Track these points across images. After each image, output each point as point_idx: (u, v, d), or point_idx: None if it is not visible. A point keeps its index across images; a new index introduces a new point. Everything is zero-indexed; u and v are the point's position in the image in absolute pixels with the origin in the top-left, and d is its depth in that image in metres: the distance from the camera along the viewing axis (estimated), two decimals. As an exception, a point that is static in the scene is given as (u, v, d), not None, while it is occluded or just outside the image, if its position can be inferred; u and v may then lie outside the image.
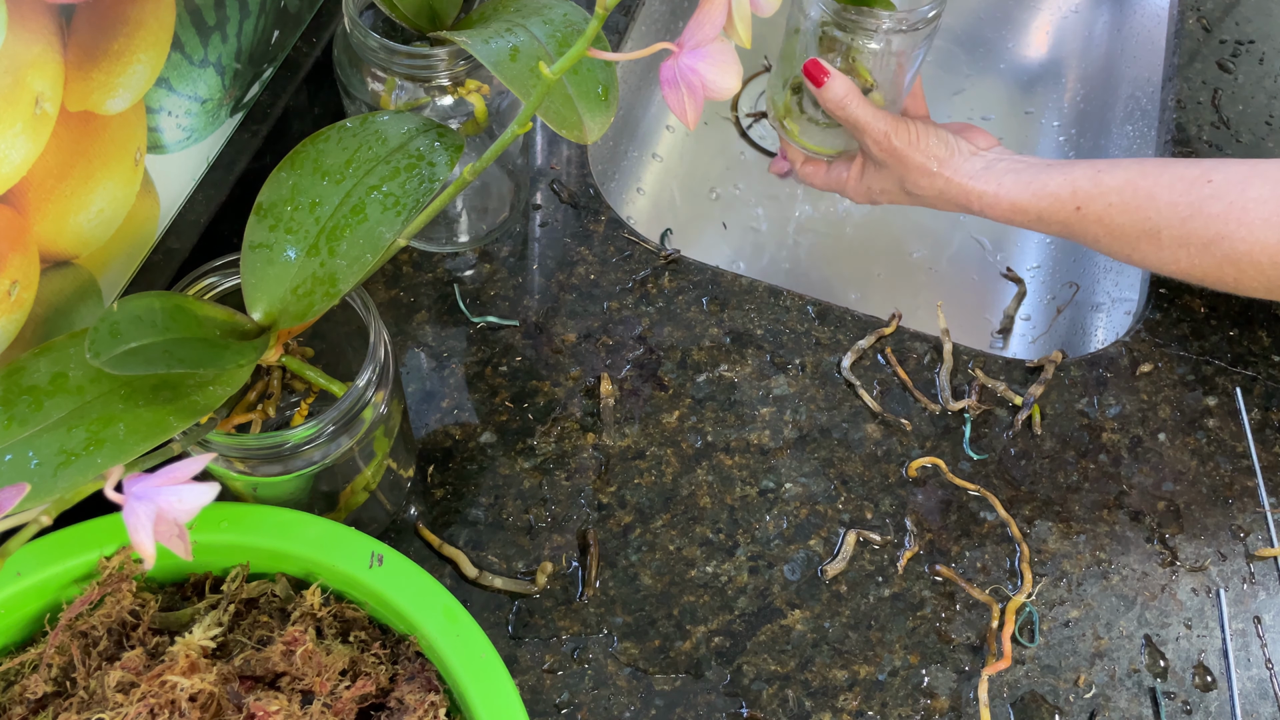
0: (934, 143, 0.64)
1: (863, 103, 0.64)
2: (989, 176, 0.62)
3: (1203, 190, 0.56)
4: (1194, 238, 0.56)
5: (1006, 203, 0.62)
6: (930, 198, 0.65)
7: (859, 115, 0.64)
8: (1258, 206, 0.54)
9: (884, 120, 0.64)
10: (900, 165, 0.64)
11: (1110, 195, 0.59)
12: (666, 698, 0.56)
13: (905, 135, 0.64)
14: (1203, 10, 0.89)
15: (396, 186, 0.47)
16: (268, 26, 0.64)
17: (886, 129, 0.64)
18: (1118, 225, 0.59)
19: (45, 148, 0.48)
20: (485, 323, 0.68)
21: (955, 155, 0.64)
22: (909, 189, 0.66)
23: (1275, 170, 0.55)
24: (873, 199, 0.69)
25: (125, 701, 0.43)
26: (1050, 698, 0.57)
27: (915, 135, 0.64)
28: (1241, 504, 0.64)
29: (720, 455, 0.64)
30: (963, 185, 0.63)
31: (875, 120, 0.64)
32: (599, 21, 0.40)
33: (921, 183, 0.64)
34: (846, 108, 0.63)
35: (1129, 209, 0.58)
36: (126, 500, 0.34)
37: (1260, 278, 0.55)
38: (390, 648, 0.47)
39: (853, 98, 0.63)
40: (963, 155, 0.64)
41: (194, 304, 0.45)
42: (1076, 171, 0.60)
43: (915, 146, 0.64)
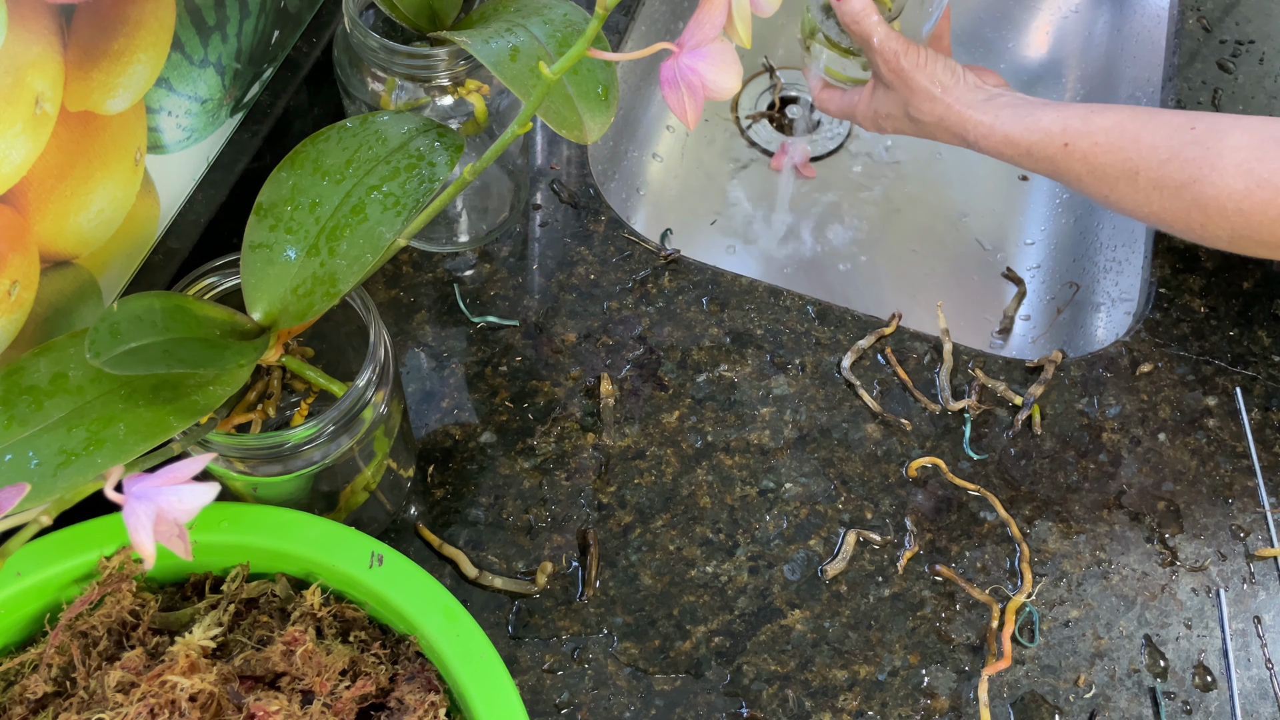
0: (941, 69, 0.65)
1: (878, 21, 0.65)
2: (988, 108, 0.63)
3: (1185, 135, 0.57)
4: (1168, 180, 0.57)
5: (1000, 134, 0.63)
6: (930, 124, 0.66)
7: (873, 32, 0.65)
8: (1232, 153, 0.55)
9: (896, 40, 0.65)
10: (905, 87, 0.66)
11: (1098, 134, 0.60)
12: (666, 698, 0.56)
13: (914, 57, 0.65)
14: (1203, 10, 0.89)
15: (396, 186, 0.47)
16: (268, 26, 0.64)
17: (897, 49, 0.65)
18: (1100, 164, 0.60)
19: (45, 148, 0.48)
20: (485, 323, 0.68)
21: (959, 84, 0.65)
22: (912, 113, 0.67)
23: (1257, 123, 0.56)
24: (879, 125, 0.70)
25: (125, 701, 0.43)
26: (1050, 698, 0.57)
27: (924, 59, 0.65)
28: (1241, 504, 0.64)
29: (720, 455, 0.64)
30: (961, 114, 0.64)
31: (888, 39, 0.65)
32: (599, 21, 0.40)
33: (924, 107, 0.66)
34: (861, 22, 0.65)
35: (1113, 149, 0.59)
36: (126, 500, 0.34)
37: (1225, 224, 0.56)
38: (390, 648, 0.47)
39: (868, 14, 0.65)
40: (966, 85, 0.65)
41: (194, 304, 0.45)
42: (1070, 110, 0.61)
43: (921, 69, 0.65)
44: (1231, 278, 0.73)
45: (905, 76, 0.65)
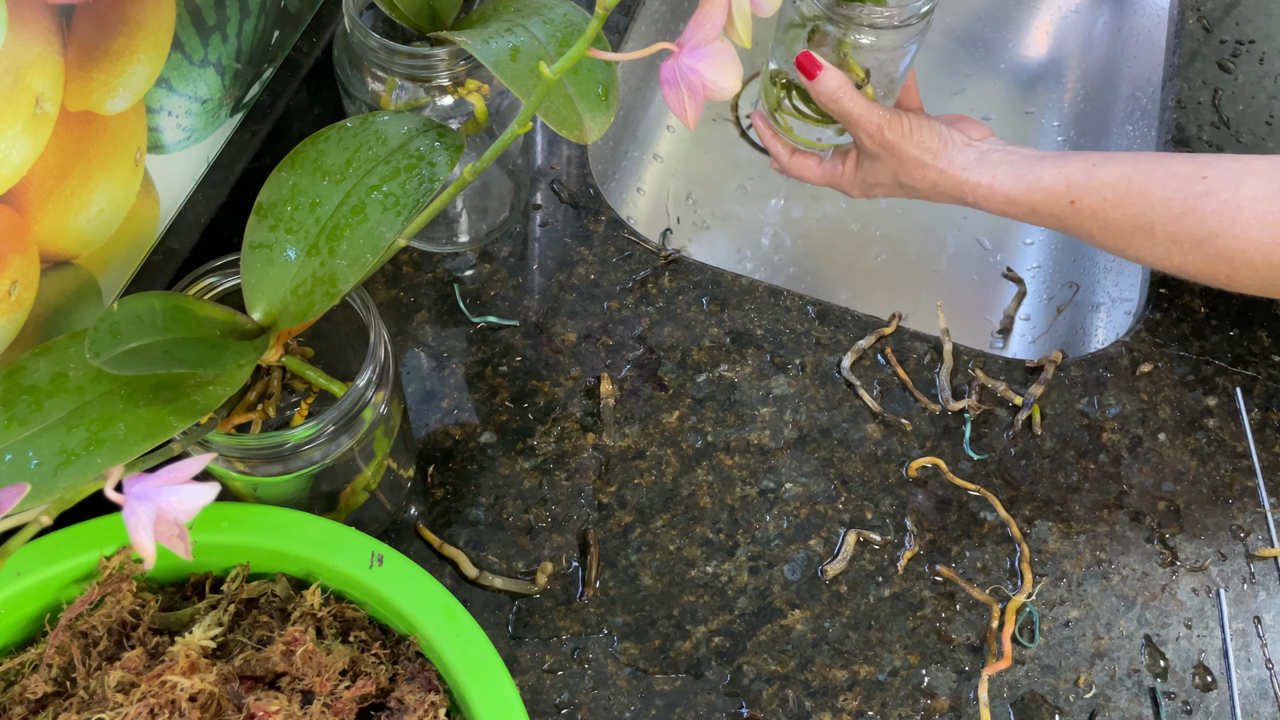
0: (927, 134, 0.64)
1: (855, 96, 0.63)
2: (983, 168, 0.62)
3: (1197, 187, 0.56)
4: (1187, 235, 0.56)
5: (1000, 195, 0.62)
6: (924, 190, 0.65)
7: (851, 109, 0.63)
8: (1252, 205, 0.54)
9: (876, 113, 0.64)
10: (894, 158, 0.64)
11: (1105, 190, 0.59)
12: (667, 698, 0.56)
13: (898, 128, 0.64)
14: (1203, 10, 0.89)
15: (396, 186, 0.47)
16: (268, 26, 0.64)
17: (879, 121, 0.63)
18: (1112, 220, 0.59)
19: (45, 148, 0.48)
20: (485, 323, 0.68)
21: (948, 147, 0.64)
22: (903, 181, 0.66)
23: (1270, 167, 0.55)
24: (868, 193, 0.69)
25: (125, 701, 0.43)
26: (1050, 698, 0.57)
27: (908, 127, 0.64)
28: (1241, 504, 0.64)
29: (720, 455, 0.64)
30: (956, 177, 0.63)
31: (868, 113, 0.63)
32: (599, 21, 0.40)
33: (915, 174, 0.65)
34: (839, 101, 0.63)
35: (1123, 204, 0.58)
36: (126, 500, 0.34)
37: (1254, 276, 0.55)
38: (390, 648, 0.47)
39: (845, 91, 0.63)
40: (956, 146, 0.64)
41: (194, 304, 0.45)
42: (1071, 165, 0.60)
43: (908, 139, 0.64)
44: (1231, 278, 0.73)
45: (892, 148, 0.64)
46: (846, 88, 0.63)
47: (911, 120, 0.64)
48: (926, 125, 0.64)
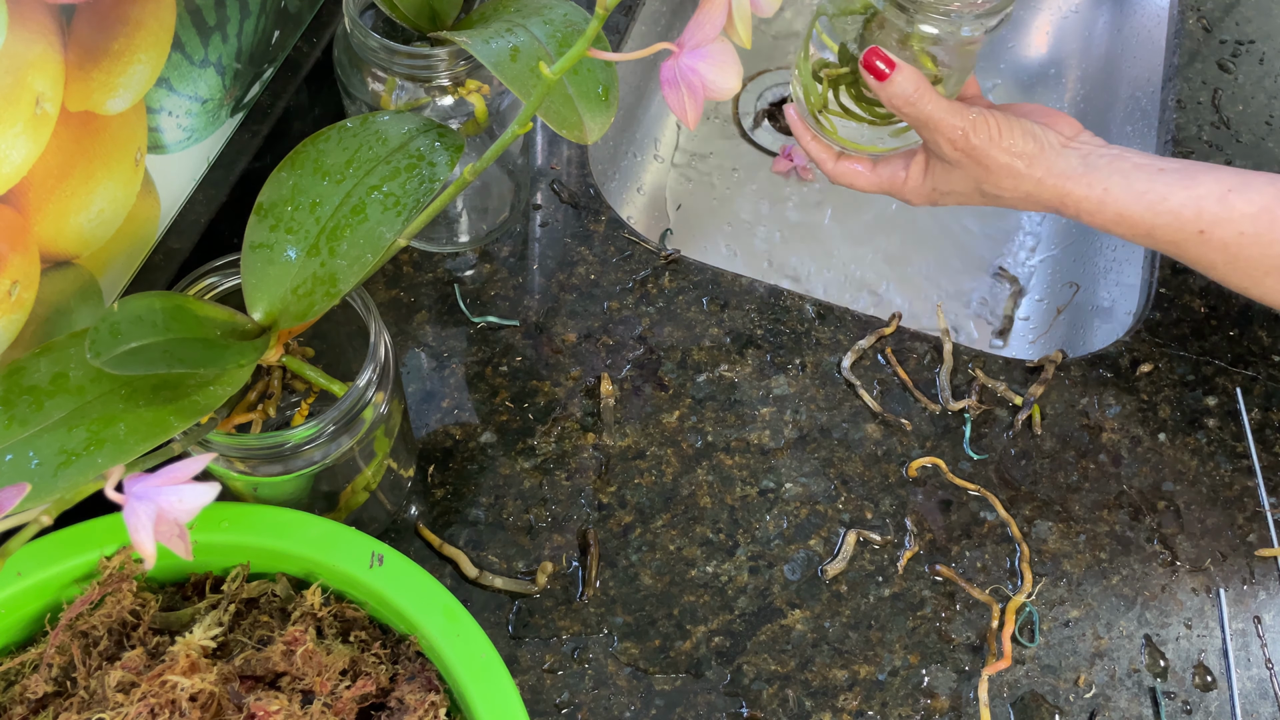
0: (1020, 137, 0.56)
1: (935, 98, 0.55)
2: (1091, 177, 0.55)
3: None
4: None
5: (1112, 212, 0.54)
6: (1014, 200, 0.58)
7: (931, 112, 0.55)
8: None
9: (960, 116, 0.55)
10: (978, 166, 0.57)
11: (1243, 223, 0.52)
12: (667, 698, 0.56)
13: (985, 131, 0.55)
14: (1203, 10, 0.89)
15: (397, 186, 0.47)
16: (268, 26, 0.64)
17: (964, 126, 0.55)
18: (1247, 257, 0.53)
19: (46, 148, 0.48)
20: (485, 323, 0.68)
21: (1045, 151, 0.56)
22: (988, 190, 0.58)
23: None
24: (936, 201, 0.62)
25: (125, 701, 0.43)
26: (1050, 698, 0.57)
27: (997, 130, 0.56)
28: (1241, 504, 0.64)
29: (720, 455, 0.64)
30: (1057, 187, 0.55)
31: (950, 116, 0.55)
32: (599, 21, 0.40)
33: (1005, 184, 0.57)
34: (917, 105, 0.55)
35: (1264, 241, 0.52)
36: (127, 500, 0.34)
37: None
38: (390, 648, 0.47)
39: (924, 93, 0.55)
40: (1054, 150, 0.56)
41: (194, 304, 0.45)
42: (1201, 188, 0.53)
43: (998, 144, 0.56)
44: (1231, 278, 0.73)
45: (978, 155, 0.56)
46: (925, 89, 0.55)
47: (1000, 121, 0.56)
48: (1018, 126, 0.56)
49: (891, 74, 0.55)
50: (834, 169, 0.62)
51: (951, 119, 0.55)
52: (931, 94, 0.55)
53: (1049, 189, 0.56)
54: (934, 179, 0.60)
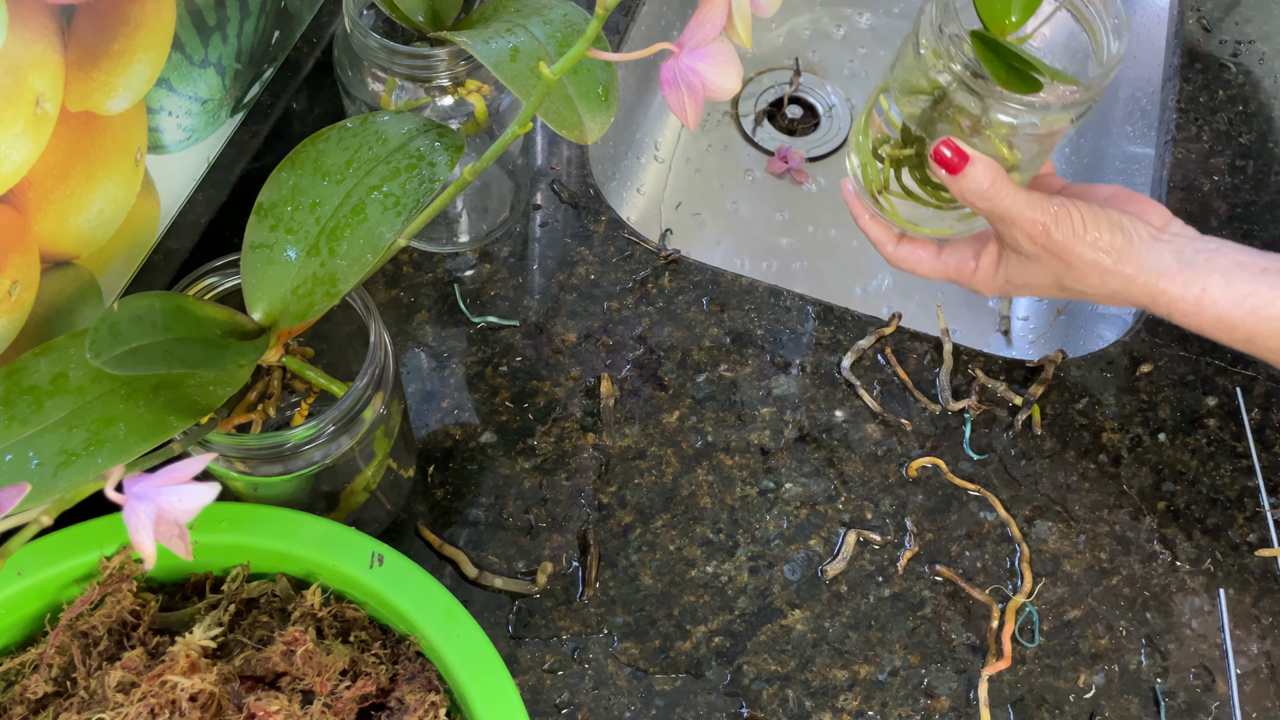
0: (1106, 230, 0.51)
1: (1013, 191, 0.51)
2: (1188, 276, 0.50)
3: None
4: None
5: (1210, 315, 0.51)
6: (1100, 296, 0.54)
7: (1009, 207, 0.51)
8: None
9: (1040, 209, 0.51)
10: (1060, 262, 0.52)
11: None
12: (667, 698, 0.56)
13: (1069, 225, 0.51)
14: (1202, 10, 0.89)
15: (397, 187, 0.47)
16: (268, 27, 0.64)
17: (1045, 221, 0.51)
18: None
19: (46, 148, 0.48)
20: (485, 323, 0.68)
21: (1134, 244, 0.51)
22: (1068, 285, 0.54)
23: None
24: (1008, 292, 0.57)
25: (125, 701, 0.43)
26: (1050, 698, 0.57)
27: (1081, 223, 0.51)
28: (1241, 504, 0.64)
29: (720, 455, 0.64)
30: (1150, 285, 0.51)
31: (1029, 210, 0.51)
32: (599, 22, 0.40)
33: (1090, 281, 0.52)
34: (993, 200, 0.51)
35: None
36: (127, 500, 0.34)
37: None
38: (390, 648, 0.47)
39: (1001, 187, 0.50)
40: (1143, 243, 0.52)
41: (194, 304, 0.45)
42: None
43: (1082, 238, 0.51)
44: (1231, 278, 0.73)
45: (1060, 250, 0.52)
46: (1002, 183, 0.50)
47: (1083, 213, 0.51)
48: (1104, 218, 0.52)
49: (964, 168, 0.50)
50: (894, 253, 0.58)
51: (1030, 213, 0.51)
52: (1008, 187, 0.51)
53: (1139, 287, 0.52)
54: (1008, 271, 0.56)
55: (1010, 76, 0.47)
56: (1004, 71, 0.47)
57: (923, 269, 0.58)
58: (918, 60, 0.50)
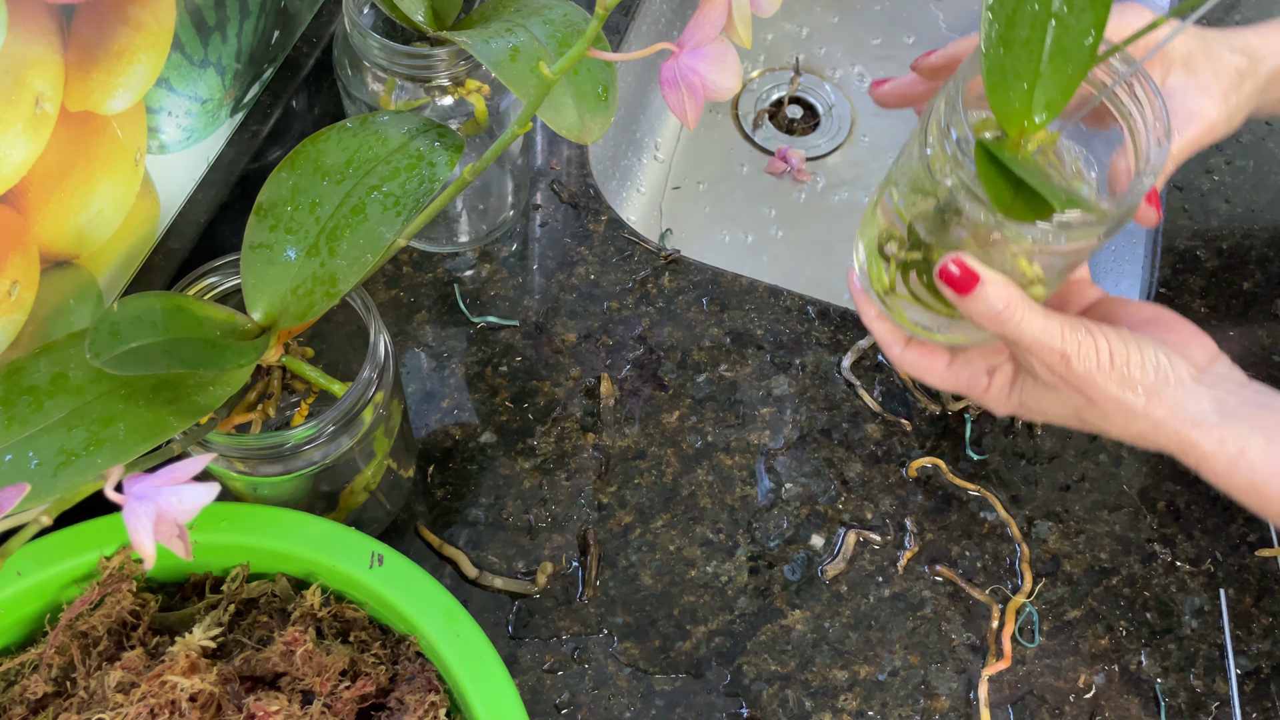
0: (1137, 365, 0.45)
1: (1030, 316, 0.44)
2: (1226, 432, 0.44)
3: None
4: None
5: (1244, 480, 0.45)
6: (1124, 436, 0.48)
7: (1024, 332, 0.44)
8: None
9: (1059, 337, 0.44)
10: (1080, 395, 0.46)
11: None
12: (667, 698, 0.56)
13: (1093, 356, 0.45)
14: (1203, 10, 0.89)
15: (396, 186, 0.47)
16: (268, 27, 0.64)
17: (1065, 351, 0.44)
18: None
19: (45, 148, 0.48)
20: (485, 323, 0.68)
21: (1168, 385, 0.45)
22: (1089, 419, 0.48)
23: None
24: (1024, 415, 0.52)
25: (125, 701, 0.43)
26: (1050, 698, 0.57)
27: (1108, 356, 0.45)
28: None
29: (720, 455, 0.64)
30: (1181, 435, 0.45)
31: (1047, 337, 0.44)
32: (599, 22, 0.40)
33: (1115, 420, 0.46)
34: (1006, 325, 0.44)
35: None
36: (126, 500, 0.34)
37: None
38: (390, 648, 0.47)
39: (1016, 309, 0.44)
40: (1181, 386, 0.45)
41: (194, 304, 0.45)
42: None
43: (1107, 372, 0.45)
44: (1231, 278, 0.73)
45: (1081, 383, 0.45)
46: (1018, 306, 0.44)
47: (1112, 344, 0.45)
48: (1136, 349, 0.45)
49: (975, 289, 0.43)
50: (900, 356, 0.52)
51: (1048, 341, 0.44)
52: (1025, 311, 0.44)
53: (1169, 434, 0.46)
54: (1023, 394, 0.50)
55: (1015, 202, 0.40)
56: (1007, 195, 0.40)
57: (931, 378, 0.52)
58: (923, 158, 0.43)
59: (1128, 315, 0.49)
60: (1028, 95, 0.41)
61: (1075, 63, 0.41)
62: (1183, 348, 0.47)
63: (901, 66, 1.01)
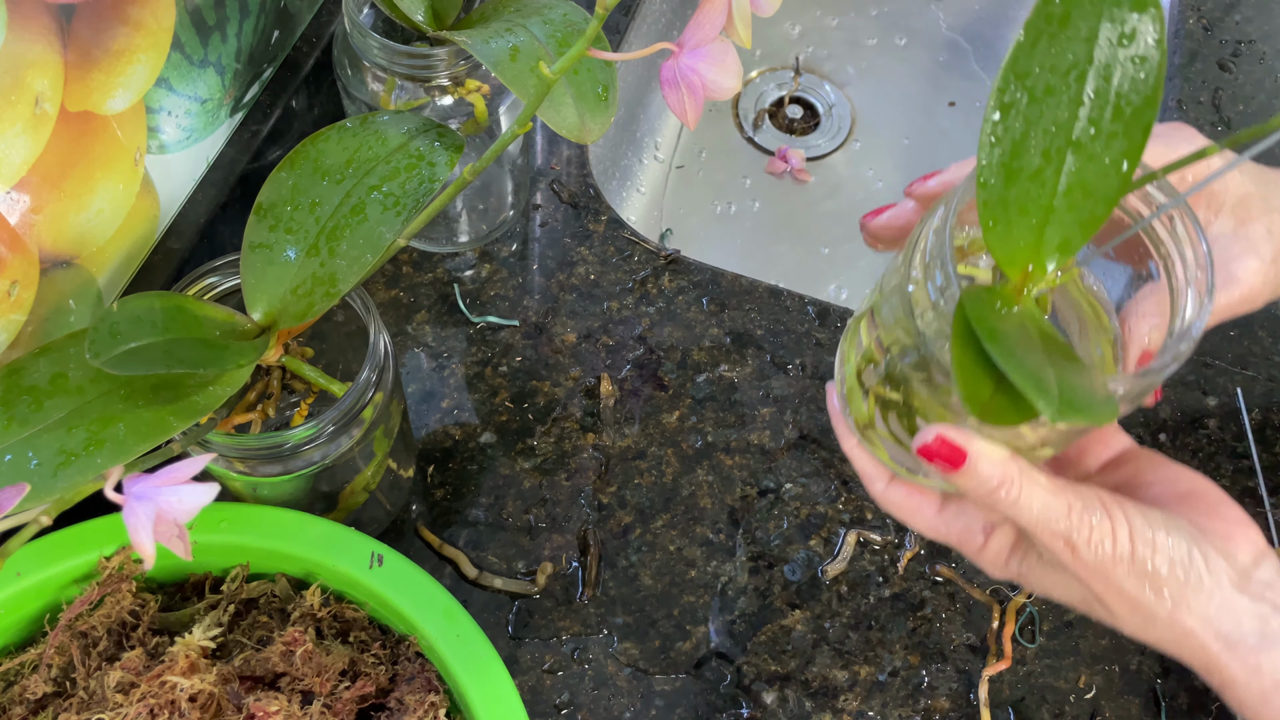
0: (1163, 560, 0.36)
1: (1030, 491, 0.36)
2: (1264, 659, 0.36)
3: None
4: None
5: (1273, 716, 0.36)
6: (1140, 638, 0.39)
7: (1021, 514, 0.36)
8: None
9: (1064, 516, 0.36)
10: (1088, 587, 0.38)
11: None
12: (667, 698, 0.56)
13: (1108, 545, 0.36)
14: (1203, 10, 0.89)
15: (396, 186, 0.47)
16: (267, 26, 0.64)
17: (1071, 537, 0.36)
18: None
19: (45, 148, 0.48)
20: (485, 323, 0.68)
21: (1202, 590, 0.36)
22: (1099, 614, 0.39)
23: None
24: (1024, 586, 0.44)
25: (125, 702, 0.43)
26: (1050, 698, 0.57)
27: (1127, 544, 0.36)
28: (1242, 504, 0.64)
29: (720, 455, 0.64)
30: (1208, 652, 0.36)
31: (1049, 520, 0.36)
32: (599, 21, 0.39)
33: (1129, 620, 0.38)
34: (1001, 505, 0.36)
35: None
36: (126, 500, 0.34)
37: None
38: (390, 648, 0.47)
39: (1013, 488, 0.36)
40: (1217, 592, 0.36)
41: (194, 304, 0.45)
42: None
43: (1126, 565, 0.36)
44: (1232, 278, 0.73)
45: (1089, 576, 0.37)
46: (1014, 482, 0.36)
47: (1133, 525, 0.36)
48: (1164, 537, 0.36)
49: (968, 463, 0.36)
50: (883, 493, 0.43)
51: (1051, 525, 0.36)
52: (1024, 486, 0.36)
53: (1193, 647, 0.37)
54: (1023, 565, 0.41)
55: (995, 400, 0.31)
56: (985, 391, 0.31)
57: (917, 523, 0.43)
58: (904, 292, 0.35)
59: (1159, 482, 0.39)
60: (1036, 234, 0.34)
61: (1100, 199, 0.33)
62: (1224, 539, 0.37)
63: (903, 66, 1.01)
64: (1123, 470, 0.41)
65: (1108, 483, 0.40)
